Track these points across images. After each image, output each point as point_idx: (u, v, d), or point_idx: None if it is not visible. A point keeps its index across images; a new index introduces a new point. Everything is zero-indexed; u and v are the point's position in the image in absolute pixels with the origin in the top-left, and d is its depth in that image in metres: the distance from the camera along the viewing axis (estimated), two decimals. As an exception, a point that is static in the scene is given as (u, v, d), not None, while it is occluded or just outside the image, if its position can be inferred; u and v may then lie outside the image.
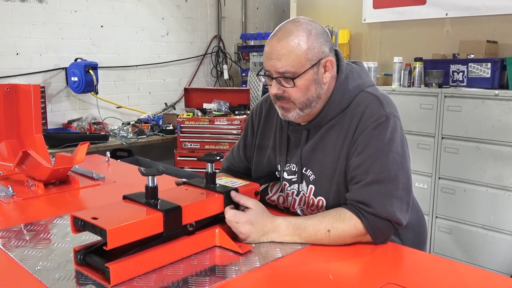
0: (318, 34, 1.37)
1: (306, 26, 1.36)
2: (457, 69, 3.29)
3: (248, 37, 5.26)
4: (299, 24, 1.36)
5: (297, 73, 1.35)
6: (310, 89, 1.38)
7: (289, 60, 1.34)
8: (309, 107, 1.41)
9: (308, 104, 1.40)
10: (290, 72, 1.35)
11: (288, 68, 1.34)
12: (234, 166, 1.73)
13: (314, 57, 1.36)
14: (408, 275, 1.19)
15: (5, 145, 2.09)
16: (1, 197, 1.75)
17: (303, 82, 1.36)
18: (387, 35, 4.13)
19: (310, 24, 1.37)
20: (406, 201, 1.35)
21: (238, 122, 4.15)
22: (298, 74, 1.35)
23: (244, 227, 1.29)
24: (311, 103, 1.40)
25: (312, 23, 1.38)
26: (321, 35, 1.38)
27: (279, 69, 1.35)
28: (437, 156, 3.25)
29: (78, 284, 1.08)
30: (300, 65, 1.34)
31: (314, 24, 1.38)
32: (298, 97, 1.38)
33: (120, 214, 1.15)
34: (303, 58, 1.34)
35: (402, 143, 1.38)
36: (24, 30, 3.91)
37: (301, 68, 1.35)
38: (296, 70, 1.34)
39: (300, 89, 1.37)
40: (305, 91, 1.38)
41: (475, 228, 3.13)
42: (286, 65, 1.34)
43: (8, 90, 2.07)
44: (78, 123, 4.18)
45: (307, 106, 1.41)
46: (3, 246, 1.30)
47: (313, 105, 1.41)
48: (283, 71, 1.35)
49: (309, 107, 1.41)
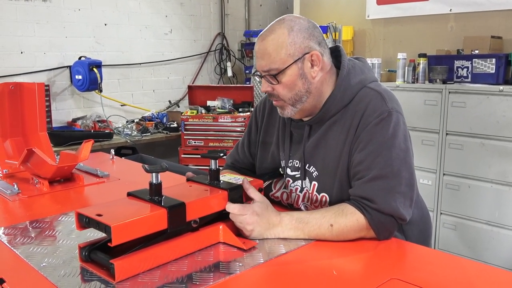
0: (301, 30, 1.38)
1: (288, 23, 1.38)
2: (461, 65, 3.27)
3: (251, 34, 5.26)
4: (282, 22, 1.39)
5: (280, 69, 1.37)
6: (297, 84, 1.39)
7: (271, 58, 1.37)
8: (300, 102, 1.42)
9: (297, 100, 1.41)
10: (273, 69, 1.38)
11: (271, 66, 1.37)
12: (238, 163, 1.74)
13: (297, 52, 1.37)
14: (411, 271, 1.19)
15: (10, 143, 2.09)
16: (6, 194, 1.76)
17: (287, 78, 1.38)
18: (391, 31, 4.11)
19: (294, 21, 1.39)
20: (409, 197, 1.35)
21: (242, 119, 4.15)
22: (280, 70, 1.37)
23: (251, 217, 1.28)
24: (300, 98, 1.41)
25: (297, 19, 1.40)
26: (304, 30, 1.38)
27: (264, 67, 1.39)
28: (442, 152, 3.24)
29: (83, 281, 1.09)
30: (282, 61, 1.36)
31: (299, 20, 1.40)
32: (285, 94, 1.40)
33: (124, 211, 1.15)
34: (283, 54, 1.36)
35: (405, 138, 1.38)
36: (28, 29, 3.93)
37: (283, 64, 1.37)
38: (279, 66, 1.37)
39: (286, 85, 1.39)
40: (291, 86, 1.39)
41: (480, 224, 3.12)
42: (269, 63, 1.37)
43: (12, 89, 2.07)
44: (83, 121, 4.20)
45: (297, 101, 1.42)
46: (8, 243, 1.31)
47: (303, 99, 1.42)
48: (267, 69, 1.38)
49: (300, 102, 1.42)
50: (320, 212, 1.34)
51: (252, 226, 1.29)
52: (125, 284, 1.07)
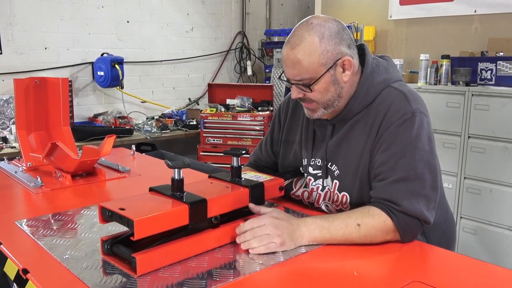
0: (332, 36, 1.34)
1: (318, 29, 1.33)
2: (485, 67, 3.22)
3: (272, 33, 5.25)
4: (311, 28, 1.34)
5: (313, 79, 1.35)
6: (329, 90, 1.38)
7: (303, 69, 1.34)
8: (332, 106, 1.42)
9: (330, 104, 1.41)
10: (305, 79, 1.36)
11: (303, 76, 1.35)
12: (261, 161, 1.74)
13: (329, 60, 1.34)
14: (434, 274, 1.17)
15: (34, 137, 2.13)
16: (30, 187, 1.79)
17: (320, 85, 1.37)
18: (414, 32, 4.07)
19: (323, 26, 1.34)
20: (433, 200, 1.33)
21: (261, 118, 4.15)
22: (314, 80, 1.35)
23: (271, 222, 1.23)
24: (333, 102, 1.41)
25: (326, 23, 1.35)
26: (335, 35, 1.35)
27: (295, 76, 1.36)
28: (463, 155, 3.19)
29: (105, 274, 1.10)
30: (315, 71, 1.34)
31: (328, 24, 1.35)
32: (319, 99, 1.40)
33: (146, 206, 1.16)
34: (316, 64, 1.33)
35: (429, 140, 1.36)
36: (53, 25, 3.99)
37: (316, 74, 1.35)
38: (312, 76, 1.35)
39: (319, 92, 1.38)
40: (324, 93, 1.38)
41: (501, 229, 3.07)
42: (301, 73, 1.35)
43: (37, 83, 2.11)
44: (104, 117, 4.25)
45: (329, 105, 1.42)
46: (32, 235, 1.33)
47: (335, 104, 1.42)
48: (299, 79, 1.36)
49: (332, 106, 1.42)
50: (344, 213, 1.33)
51: (279, 231, 1.22)
52: (146, 279, 1.08)
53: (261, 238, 1.21)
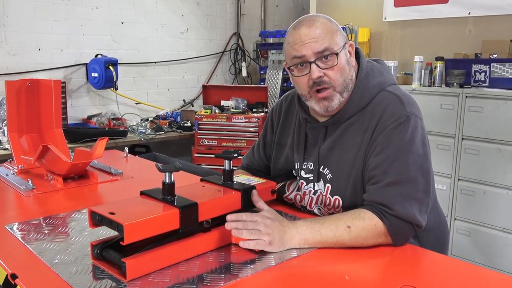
0: (337, 24, 1.44)
1: (323, 16, 1.43)
2: (479, 69, 3.23)
3: (267, 34, 5.24)
4: (317, 15, 1.44)
5: (334, 51, 1.37)
6: (345, 70, 1.40)
7: (327, 38, 1.37)
8: (347, 90, 1.41)
9: (346, 86, 1.41)
10: (329, 50, 1.37)
11: (328, 45, 1.36)
12: (253, 165, 1.73)
13: (342, 38, 1.41)
14: (425, 278, 1.17)
15: (26, 139, 2.11)
16: (21, 190, 1.77)
17: (340, 61, 1.38)
18: (408, 33, 4.07)
19: (328, 17, 1.44)
20: (426, 203, 1.33)
21: (255, 120, 4.14)
22: (335, 52, 1.37)
23: (263, 220, 1.24)
24: (347, 85, 1.41)
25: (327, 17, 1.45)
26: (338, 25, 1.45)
27: (319, 48, 1.36)
28: (457, 157, 3.20)
29: (95, 278, 1.09)
30: (336, 43, 1.38)
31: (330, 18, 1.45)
32: (337, 78, 1.39)
33: (137, 210, 1.15)
34: (336, 37, 1.39)
35: (423, 143, 1.36)
36: (47, 26, 3.97)
37: (337, 46, 1.38)
38: (334, 48, 1.37)
39: (339, 69, 1.38)
40: (342, 71, 1.39)
41: (495, 231, 3.07)
42: (326, 42, 1.37)
43: (29, 85, 2.09)
44: (98, 118, 4.23)
45: (345, 88, 1.41)
46: (22, 239, 1.32)
47: (349, 87, 1.42)
48: (323, 49, 1.36)
49: (347, 90, 1.41)
50: (335, 215, 1.33)
51: (270, 229, 1.23)
52: (136, 283, 1.07)
53: (252, 232, 1.22)
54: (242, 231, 1.22)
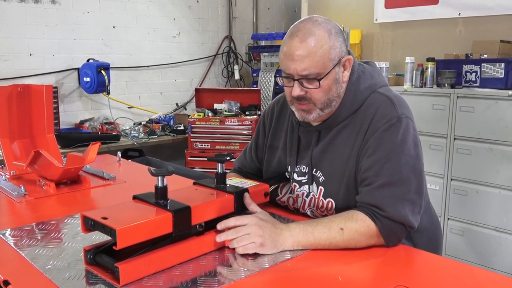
0: (338, 33, 1.36)
1: (325, 25, 1.35)
2: (470, 70, 3.25)
3: (259, 37, 5.26)
4: (318, 24, 1.35)
5: (322, 74, 1.33)
6: (331, 89, 1.37)
7: (313, 62, 1.31)
8: (329, 106, 1.40)
9: (328, 104, 1.39)
10: (314, 74, 1.33)
11: (312, 70, 1.32)
12: (245, 167, 1.73)
13: (336, 56, 1.35)
14: (418, 278, 1.18)
15: (18, 144, 2.10)
16: (13, 196, 1.76)
17: (326, 82, 1.35)
18: (399, 35, 4.10)
19: (329, 23, 1.36)
20: (418, 204, 1.33)
21: (248, 123, 4.15)
22: (323, 75, 1.33)
23: (256, 222, 1.24)
24: (331, 102, 1.39)
25: (329, 22, 1.37)
26: (340, 33, 1.37)
27: (303, 71, 1.33)
28: (449, 157, 3.22)
29: (88, 284, 1.09)
30: (324, 66, 1.33)
31: (332, 23, 1.37)
32: (320, 97, 1.37)
33: (129, 214, 1.15)
34: (326, 59, 1.33)
35: (415, 144, 1.37)
36: (38, 31, 3.95)
37: (324, 69, 1.33)
38: (320, 71, 1.33)
39: (323, 89, 1.35)
40: (327, 91, 1.36)
41: (488, 230, 3.09)
42: (310, 66, 1.32)
43: (21, 91, 2.08)
44: (90, 123, 4.21)
45: (327, 105, 1.39)
46: (15, 245, 1.31)
47: (333, 104, 1.40)
48: (307, 73, 1.33)
49: (329, 106, 1.40)
50: (328, 217, 1.34)
51: (261, 231, 1.23)
52: (129, 288, 1.07)
53: (241, 238, 1.23)
54: (232, 242, 1.24)
